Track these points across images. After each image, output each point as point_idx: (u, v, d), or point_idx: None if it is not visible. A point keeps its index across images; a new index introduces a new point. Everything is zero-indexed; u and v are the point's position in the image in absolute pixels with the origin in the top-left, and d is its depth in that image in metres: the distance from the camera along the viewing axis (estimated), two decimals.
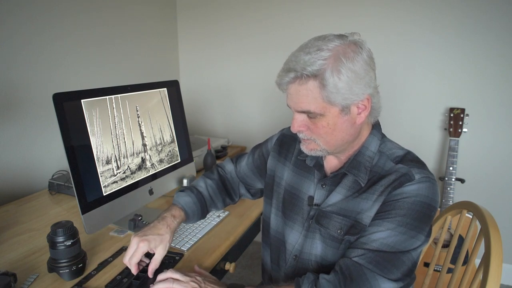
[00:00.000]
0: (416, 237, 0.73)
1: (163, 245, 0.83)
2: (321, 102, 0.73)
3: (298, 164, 0.94)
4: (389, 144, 0.85)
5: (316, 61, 0.70)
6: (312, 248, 0.85)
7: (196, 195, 0.99)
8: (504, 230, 1.36)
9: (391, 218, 0.74)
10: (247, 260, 2.28)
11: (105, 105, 1.04)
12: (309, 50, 0.72)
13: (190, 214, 0.96)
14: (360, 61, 0.72)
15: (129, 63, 2.07)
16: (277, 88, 0.80)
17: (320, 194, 0.87)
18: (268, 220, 1.00)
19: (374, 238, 0.74)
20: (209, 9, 2.38)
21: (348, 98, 0.73)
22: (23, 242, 1.06)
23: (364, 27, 2.01)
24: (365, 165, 0.81)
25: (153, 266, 0.83)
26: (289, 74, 0.74)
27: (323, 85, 0.71)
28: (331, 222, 0.82)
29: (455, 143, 1.85)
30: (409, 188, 0.75)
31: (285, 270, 0.92)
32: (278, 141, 1.02)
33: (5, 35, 1.39)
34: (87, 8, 1.74)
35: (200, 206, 0.99)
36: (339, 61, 0.71)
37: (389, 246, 0.72)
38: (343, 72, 0.70)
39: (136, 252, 0.81)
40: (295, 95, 0.75)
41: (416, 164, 0.79)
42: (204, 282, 0.78)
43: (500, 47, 1.83)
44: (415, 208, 0.74)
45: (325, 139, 0.78)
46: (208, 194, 1.03)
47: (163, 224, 0.87)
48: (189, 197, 0.98)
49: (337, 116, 0.75)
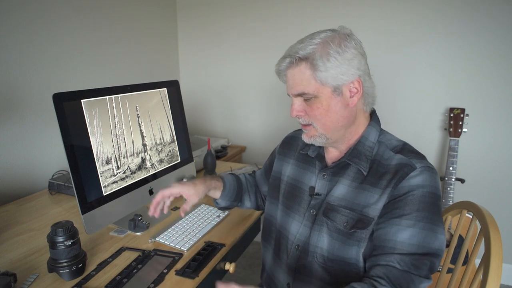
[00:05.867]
0: (435, 230, 0.76)
1: (195, 192, 0.96)
2: (314, 83, 0.80)
3: (301, 158, 0.99)
4: (388, 135, 0.90)
5: (308, 47, 0.80)
6: (318, 241, 0.86)
7: (235, 177, 1.12)
8: (504, 230, 1.36)
9: (407, 215, 0.76)
10: (247, 260, 2.28)
11: (105, 105, 1.04)
12: (303, 40, 0.83)
13: (227, 186, 1.06)
14: (348, 45, 0.80)
15: (129, 63, 2.07)
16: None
17: (321, 184, 0.90)
18: (271, 219, 1.02)
19: (400, 241, 0.75)
20: (209, 9, 2.38)
21: (338, 78, 0.79)
22: (23, 242, 1.06)
23: (364, 27, 2.01)
24: (365, 154, 0.85)
25: (186, 206, 0.93)
26: (285, 60, 0.83)
27: (313, 65, 0.79)
28: (337, 216, 0.84)
29: (455, 143, 1.85)
30: (414, 180, 0.78)
31: (287, 262, 0.92)
32: (282, 145, 1.09)
33: (5, 35, 1.39)
34: (87, 8, 1.74)
35: (237, 186, 1.10)
36: (328, 45, 0.79)
37: (416, 246, 0.75)
38: (331, 54, 0.78)
39: (170, 189, 0.94)
40: (291, 79, 0.83)
41: (415, 155, 0.82)
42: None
43: (500, 47, 1.83)
44: (425, 200, 0.77)
45: (321, 121, 0.83)
46: (245, 182, 1.15)
47: (200, 180, 1.00)
48: (230, 176, 1.11)
49: (330, 97, 0.81)
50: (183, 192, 0.95)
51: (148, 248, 1.02)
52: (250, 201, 1.14)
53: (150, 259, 0.96)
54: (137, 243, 1.05)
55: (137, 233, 1.10)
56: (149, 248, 1.02)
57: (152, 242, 1.05)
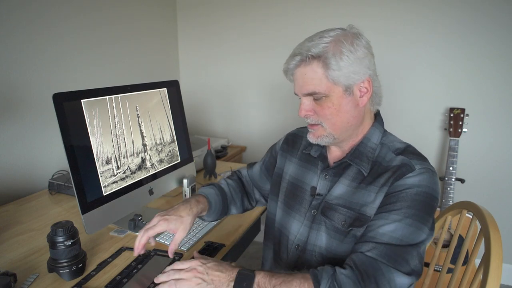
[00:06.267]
0: (422, 229, 0.75)
1: (183, 227, 0.84)
2: (326, 82, 0.78)
3: (303, 157, 0.98)
4: (391, 137, 0.89)
5: (319, 45, 0.78)
6: (317, 240, 0.86)
7: (218, 189, 1.03)
8: (504, 230, 1.36)
9: (396, 210, 0.75)
10: (247, 260, 2.28)
11: (105, 105, 1.04)
12: (313, 38, 0.80)
13: (212, 203, 0.98)
14: (359, 44, 0.79)
15: (129, 63, 2.07)
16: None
17: (323, 184, 0.89)
18: (272, 216, 1.01)
19: (382, 232, 0.75)
20: (209, 9, 2.38)
21: (350, 77, 0.78)
22: (23, 242, 1.06)
23: (364, 28, 1.98)
24: (367, 155, 0.84)
25: (173, 246, 0.83)
26: (295, 58, 0.80)
27: (326, 64, 0.77)
28: (335, 214, 0.84)
29: (455, 143, 1.85)
30: (411, 179, 0.77)
31: (287, 261, 0.92)
32: (285, 141, 1.07)
33: (5, 35, 1.39)
34: (87, 8, 1.74)
35: (221, 199, 1.02)
36: (340, 43, 0.77)
37: (398, 239, 0.73)
38: (344, 52, 0.77)
39: (154, 228, 0.83)
40: (301, 78, 0.81)
41: (416, 156, 0.81)
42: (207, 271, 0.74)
43: (500, 47, 1.83)
44: (419, 198, 0.76)
45: (331, 121, 0.82)
46: (229, 191, 1.07)
47: (185, 206, 0.88)
48: (212, 189, 1.02)
49: (341, 97, 0.80)
50: (170, 229, 0.84)
51: (148, 248, 1.02)
52: (236, 208, 1.08)
53: (150, 259, 0.96)
54: None
55: (137, 233, 1.10)
56: (149, 248, 1.02)
57: (152, 242, 1.05)
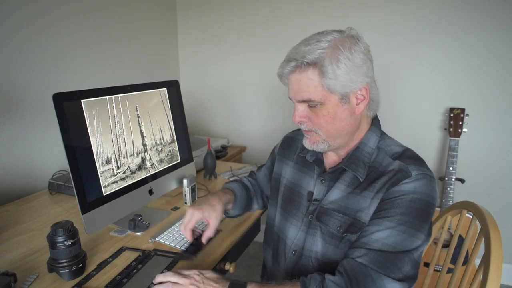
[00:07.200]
0: (416, 236, 0.73)
1: (215, 214, 0.91)
2: (321, 90, 0.75)
3: (299, 161, 0.97)
4: (388, 141, 0.86)
5: (316, 51, 0.74)
6: (312, 245, 0.86)
7: (242, 184, 1.10)
8: (504, 230, 1.37)
9: (390, 216, 0.74)
10: (247, 260, 2.28)
11: (105, 105, 1.04)
12: (309, 42, 0.76)
13: (238, 195, 1.04)
14: (357, 50, 0.75)
15: (129, 63, 2.07)
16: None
17: (320, 189, 0.88)
18: (271, 221, 1.02)
19: (375, 238, 0.74)
20: (209, 9, 2.38)
21: (346, 86, 0.75)
22: (23, 242, 1.06)
23: (364, 28, 1.99)
24: (363, 160, 0.82)
25: (208, 233, 0.91)
26: (290, 64, 0.77)
27: (322, 72, 0.74)
28: (331, 220, 0.83)
29: (455, 143, 1.85)
30: (406, 186, 0.75)
31: (285, 267, 0.92)
32: (282, 145, 1.07)
33: (5, 35, 1.39)
34: (87, 8, 1.74)
35: (246, 193, 1.08)
36: (337, 49, 0.74)
37: (390, 246, 0.72)
38: (341, 60, 0.73)
39: (191, 219, 0.89)
40: (296, 84, 0.78)
41: (413, 161, 0.79)
42: (203, 281, 0.76)
43: (500, 47, 1.83)
44: (414, 206, 0.74)
45: (326, 128, 0.80)
46: (251, 186, 1.13)
47: (215, 197, 0.96)
48: (236, 183, 1.09)
49: (337, 105, 0.77)
50: (205, 218, 0.91)
51: (148, 248, 1.02)
52: (258, 204, 1.13)
53: (150, 259, 0.96)
54: (137, 243, 1.05)
55: (137, 233, 1.10)
56: (149, 248, 1.02)
57: (152, 242, 1.05)
